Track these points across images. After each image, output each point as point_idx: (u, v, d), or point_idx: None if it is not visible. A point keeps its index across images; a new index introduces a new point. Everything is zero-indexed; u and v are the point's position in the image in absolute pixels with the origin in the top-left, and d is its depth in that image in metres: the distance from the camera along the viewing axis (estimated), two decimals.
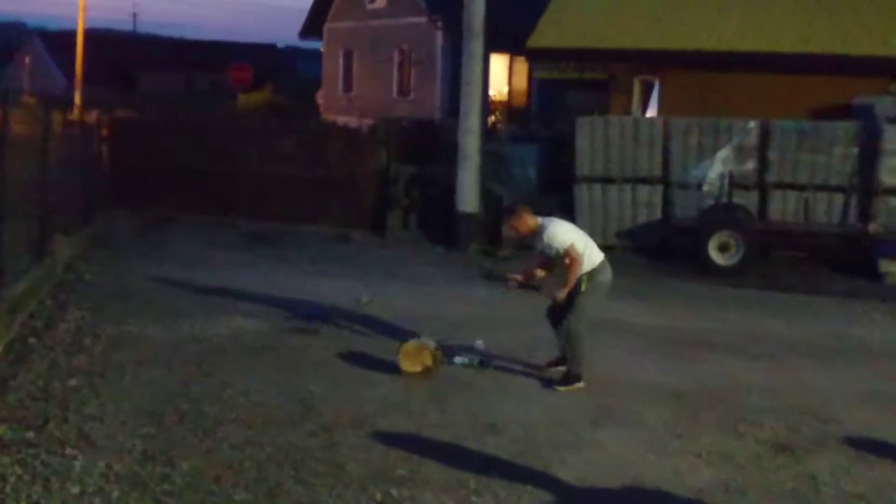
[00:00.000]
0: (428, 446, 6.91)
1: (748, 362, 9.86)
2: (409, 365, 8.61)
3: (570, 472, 6.56)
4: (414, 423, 7.44)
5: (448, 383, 8.51)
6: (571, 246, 8.38)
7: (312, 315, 10.90)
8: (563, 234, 8.49)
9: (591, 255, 8.55)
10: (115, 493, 5.88)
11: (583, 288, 8.51)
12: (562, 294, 8.51)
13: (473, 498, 6.00)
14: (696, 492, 6.28)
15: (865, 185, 15.82)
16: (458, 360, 9.05)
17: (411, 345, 8.72)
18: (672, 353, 10.14)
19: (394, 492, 6.04)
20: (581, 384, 8.52)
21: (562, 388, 8.47)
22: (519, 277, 9.00)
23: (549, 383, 8.63)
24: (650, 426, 7.64)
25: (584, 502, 6.05)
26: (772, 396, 8.54)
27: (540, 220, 8.65)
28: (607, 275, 8.66)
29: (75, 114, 20.66)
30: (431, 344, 8.81)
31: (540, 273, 8.83)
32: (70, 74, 23.53)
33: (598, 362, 9.50)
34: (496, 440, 7.12)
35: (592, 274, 8.53)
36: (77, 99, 22.00)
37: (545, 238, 8.50)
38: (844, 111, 17.10)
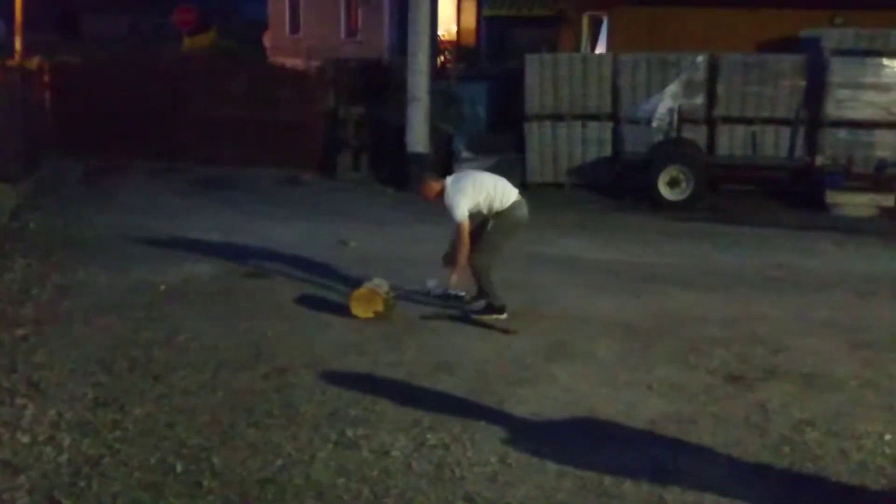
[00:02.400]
0: (382, 386, 6.91)
1: (700, 295, 9.93)
2: (361, 311, 8.57)
3: (524, 407, 6.60)
4: (367, 364, 7.43)
5: (402, 324, 8.50)
6: (459, 223, 8.40)
7: (264, 259, 10.82)
8: (457, 203, 8.39)
9: (501, 197, 8.56)
10: (67, 441, 5.84)
11: (489, 227, 8.61)
12: (454, 279, 8.62)
13: (428, 435, 6.02)
14: (649, 422, 6.34)
15: (812, 117, 15.90)
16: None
17: (363, 290, 8.68)
18: (624, 287, 10.19)
19: (349, 432, 6.05)
20: (503, 315, 8.55)
21: (477, 317, 8.56)
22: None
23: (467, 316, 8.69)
24: (602, 359, 7.69)
25: (538, 436, 6.07)
26: (723, 328, 8.62)
27: (445, 182, 8.60)
28: (520, 212, 8.69)
29: (16, 59, 20.15)
30: (384, 287, 8.77)
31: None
32: (10, 19, 22.96)
33: (549, 298, 9.58)
34: (450, 378, 7.14)
35: (502, 212, 8.57)
36: (17, 44, 21.42)
37: (447, 203, 8.50)
38: (792, 44, 17.14)
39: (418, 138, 16.75)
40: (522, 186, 16.51)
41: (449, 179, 8.67)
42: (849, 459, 5.88)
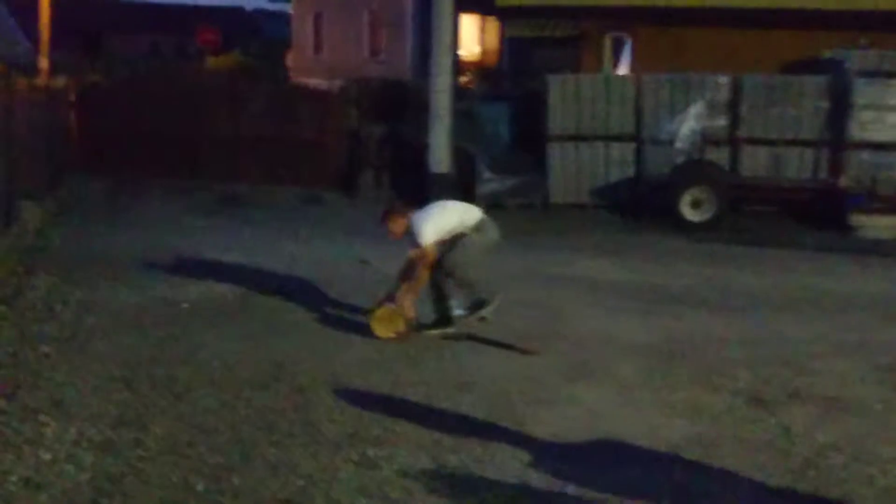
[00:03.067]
0: (402, 406, 6.89)
1: (722, 316, 9.88)
2: (382, 330, 8.55)
3: (545, 427, 6.56)
4: (388, 384, 7.41)
5: (422, 343, 8.49)
6: (422, 248, 8.41)
7: (285, 277, 10.84)
8: (423, 228, 8.41)
9: (465, 223, 8.58)
10: (89, 459, 5.83)
11: (463, 238, 8.58)
12: (406, 305, 8.59)
13: (449, 456, 5.99)
14: (672, 445, 6.29)
15: (836, 139, 15.85)
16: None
17: (384, 310, 8.66)
18: (645, 308, 10.15)
19: (369, 452, 6.02)
20: (494, 305, 8.62)
21: (484, 313, 8.62)
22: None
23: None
24: (624, 380, 7.65)
25: (559, 457, 6.04)
26: (745, 349, 8.57)
27: (411, 216, 8.58)
28: (491, 233, 8.68)
29: (42, 78, 20.36)
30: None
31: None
32: (32, 37, 23.16)
33: (570, 318, 9.56)
34: (470, 398, 7.11)
35: (471, 230, 8.58)
36: (43, 64, 21.63)
37: (412, 230, 8.50)
38: (815, 65, 17.11)
39: (440, 158, 16.76)
40: (545, 207, 16.73)
41: (416, 212, 8.64)
42: (874, 485, 5.81)
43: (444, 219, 8.55)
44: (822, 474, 5.91)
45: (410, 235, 8.53)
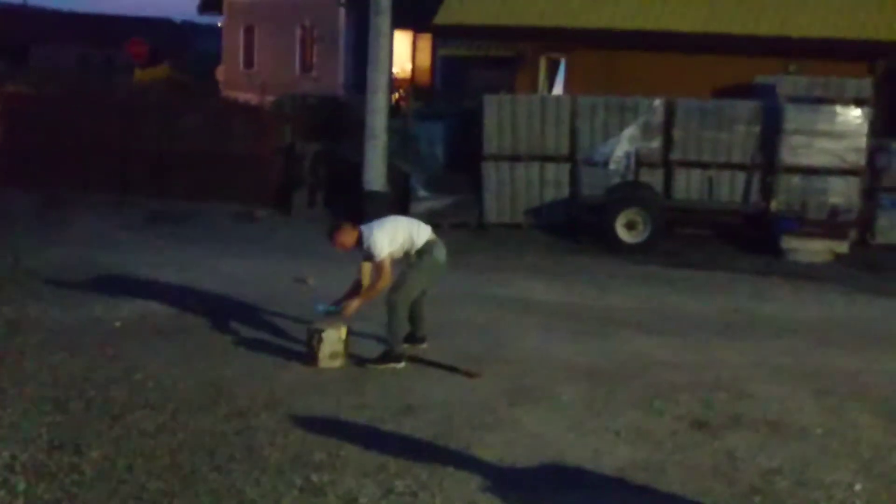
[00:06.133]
0: (346, 429, 6.79)
1: (659, 339, 9.92)
2: (328, 362, 8.36)
3: (491, 452, 6.50)
4: (330, 406, 7.30)
5: (361, 364, 8.39)
6: (381, 261, 8.31)
7: (220, 296, 10.67)
8: (378, 241, 8.30)
9: (414, 238, 8.49)
10: (21, 486, 5.66)
11: (408, 266, 8.54)
12: (351, 306, 8.43)
13: (396, 482, 5.90)
14: (617, 470, 6.27)
15: (767, 163, 16.05)
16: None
17: (327, 343, 8.38)
18: (583, 330, 10.15)
19: (314, 477, 5.92)
20: (400, 365, 8.37)
21: (374, 366, 8.33)
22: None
23: (361, 361, 8.46)
24: (567, 404, 7.62)
25: (506, 483, 5.98)
26: (685, 373, 8.60)
27: (361, 228, 8.48)
28: (438, 254, 8.59)
29: None
30: (342, 329, 8.52)
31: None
32: None
33: (510, 340, 9.52)
34: (414, 422, 7.03)
35: (420, 252, 8.50)
36: None
37: (365, 246, 8.37)
38: (747, 90, 17.35)
39: (376, 176, 16.66)
40: (480, 227, 16.71)
41: (366, 226, 8.51)
42: None
43: (396, 232, 8.45)
44: (767, 499, 5.94)
45: (364, 248, 8.39)
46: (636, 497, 5.88)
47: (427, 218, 9.03)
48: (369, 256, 8.43)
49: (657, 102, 16.39)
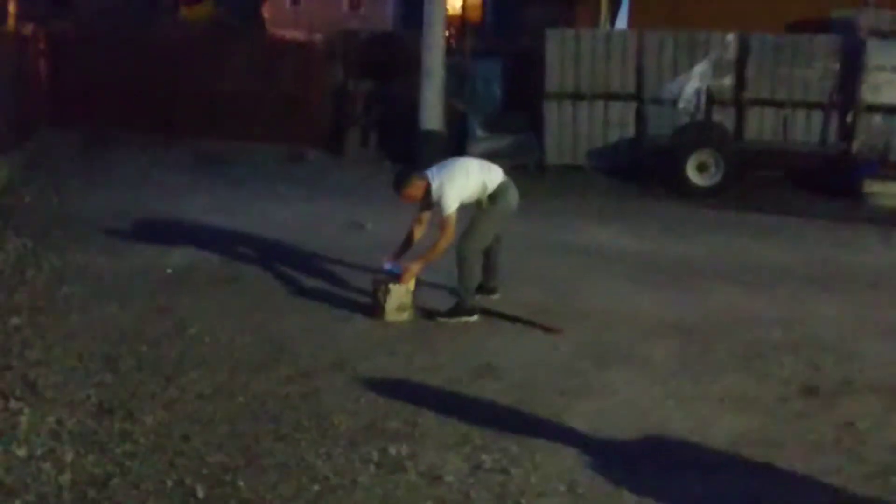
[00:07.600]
0: (420, 393, 6.15)
1: (747, 291, 9.17)
2: (395, 315, 7.74)
3: (583, 421, 5.83)
4: (400, 367, 6.67)
5: (431, 317, 7.75)
6: (448, 216, 7.59)
7: (274, 242, 10.06)
8: (449, 195, 7.58)
9: (487, 184, 7.79)
10: (69, 456, 5.06)
11: (479, 213, 7.85)
12: (411, 270, 7.68)
13: (483, 456, 5.25)
14: (728, 443, 5.57)
15: (847, 102, 15.15)
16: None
17: (394, 295, 7.75)
18: (664, 281, 9.43)
19: (391, 449, 5.28)
20: (473, 318, 7.74)
21: (444, 320, 7.70)
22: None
23: (430, 314, 7.81)
24: (660, 366, 6.93)
25: (607, 458, 5.30)
26: (783, 330, 7.86)
27: (429, 178, 7.72)
28: (512, 198, 7.92)
29: (10, 24, 19.24)
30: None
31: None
32: None
33: (586, 293, 8.84)
34: (494, 385, 6.38)
35: (493, 196, 7.82)
36: (11, 7, 20.48)
37: (435, 199, 7.66)
38: (823, 25, 16.38)
39: (432, 116, 15.95)
40: (539, 168, 15.95)
41: (433, 171, 7.79)
42: None
43: (468, 180, 7.73)
44: None
45: (434, 201, 7.71)
46: (756, 477, 5.18)
47: (485, 159, 8.27)
48: (432, 206, 7.76)
49: (730, 37, 15.50)
